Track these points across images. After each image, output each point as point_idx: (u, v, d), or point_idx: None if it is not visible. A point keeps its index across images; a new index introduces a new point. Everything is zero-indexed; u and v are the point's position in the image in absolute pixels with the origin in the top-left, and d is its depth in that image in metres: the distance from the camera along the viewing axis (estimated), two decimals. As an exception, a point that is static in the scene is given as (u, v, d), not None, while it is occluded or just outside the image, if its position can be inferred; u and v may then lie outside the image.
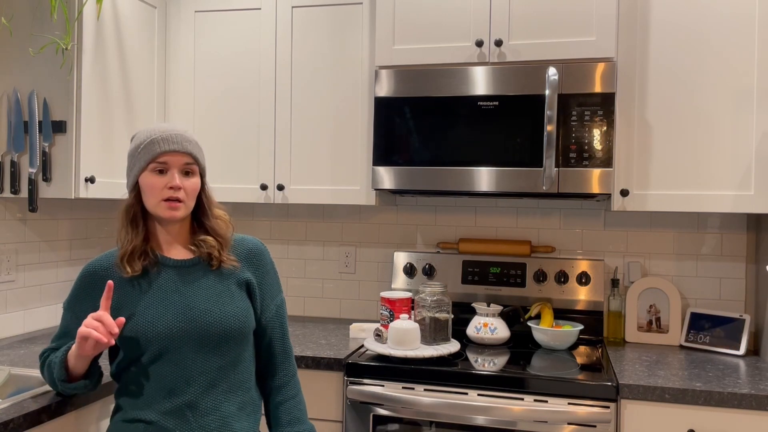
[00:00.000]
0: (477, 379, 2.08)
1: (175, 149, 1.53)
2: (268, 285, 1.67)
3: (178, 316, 1.52)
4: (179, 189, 1.53)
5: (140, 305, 1.53)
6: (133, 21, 2.57)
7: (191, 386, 1.50)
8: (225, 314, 1.54)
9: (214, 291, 1.57)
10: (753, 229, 2.55)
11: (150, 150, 1.53)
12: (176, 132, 1.55)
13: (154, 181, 1.53)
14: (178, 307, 1.53)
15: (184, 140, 1.55)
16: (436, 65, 2.40)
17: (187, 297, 1.54)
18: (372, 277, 2.94)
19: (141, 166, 1.54)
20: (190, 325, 1.51)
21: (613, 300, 2.58)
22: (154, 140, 1.53)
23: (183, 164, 1.55)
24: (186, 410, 1.50)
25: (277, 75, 2.66)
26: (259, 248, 1.68)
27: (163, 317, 1.51)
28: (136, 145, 1.56)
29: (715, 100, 2.25)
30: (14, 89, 2.31)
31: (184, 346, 1.51)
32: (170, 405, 1.50)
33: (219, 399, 1.53)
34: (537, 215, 2.76)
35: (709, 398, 1.92)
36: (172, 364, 1.50)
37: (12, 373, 1.94)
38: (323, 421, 2.25)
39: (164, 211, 1.53)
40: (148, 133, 1.55)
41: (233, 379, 1.56)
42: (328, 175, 2.61)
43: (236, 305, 1.57)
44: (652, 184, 2.30)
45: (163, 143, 1.52)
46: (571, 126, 2.26)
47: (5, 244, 2.42)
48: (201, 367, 1.51)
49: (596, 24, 2.26)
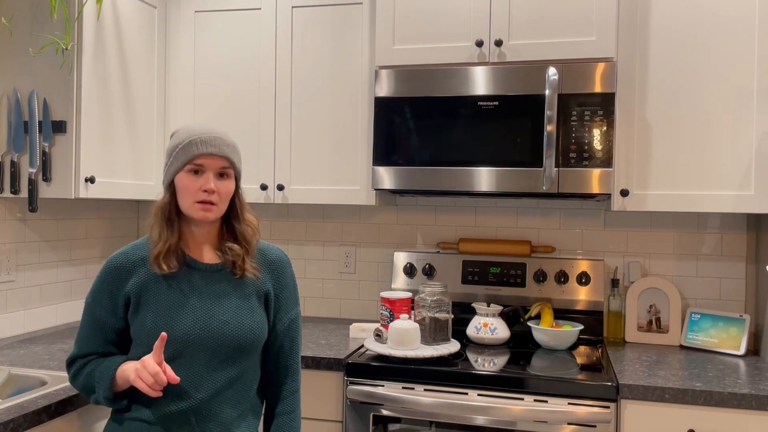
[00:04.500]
0: (477, 379, 2.08)
1: (212, 152, 1.53)
2: (285, 298, 1.67)
3: (197, 323, 1.52)
4: (213, 192, 1.53)
5: (161, 305, 1.52)
6: (133, 21, 2.57)
7: (199, 392, 1.51)
8: (242, 327, 1.55)
9: (235, 301, 1.57)
10: (753, 229, 2.55)
11: (188, 151, 1.52)
12: (215, 134, 1.54)
13: (190, 183, 1.53)
14: (197, 314, 1.53)
15: (222, 144, 1.54)
16: (436, 65, 2.40)
17: (207, 304, 1.54)
18: (372, 277, 2.94)
19: (178, 166, 1.53)
20: (207, 333, 1.52)
21: (613, 300, 2.58)
22: (193, 141, 1.52)
23: (219, 167, 1.55)
24: (190, 415, 1.50)
25: (277, 75, 2.65)
26: (282, 260, 1.69)
27: (181, 322, 1.51)
28: (174, 144, 1.55)
29: (715, 100, 2.25)
30: (14, 89, 2.31)
31: (198, 353, 1.51)
32: (175, 408, 1.50)
33: (223, 405, 1.53)
34: (537, 215, 2.76)
35: (709, 398, 1.92)
36: (183, 369, 1.50)
37: (12, 373, 1.94)
38: (323, 421, 2.25)
39: (197, 212, 1.53)
40: (187, 133, 1.54)
41: (238, 387, 1.56)
42: (328, 175, 2.61)
43: (254, 318, 1.58)
44: (652, 184, 2.30)
45: (201, 145, 1.52)
46: (571, 126, 2.26)
47: (5, 244, 2.42)
48: (211, 375, 1.52)
49: (596, 24, 2.26)
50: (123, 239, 3.07)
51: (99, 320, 1.56)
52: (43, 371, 1.96)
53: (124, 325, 1.57)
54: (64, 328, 2.65)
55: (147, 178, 2.67)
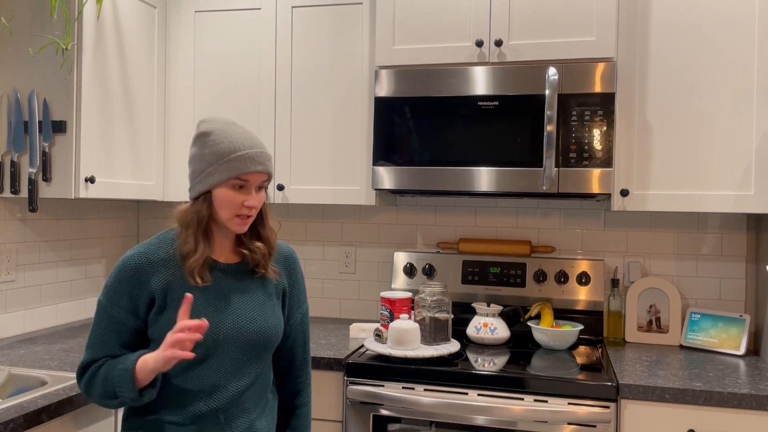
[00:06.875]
0: (477, 379, 2.08)
1: (260, 170, 1.50)
2: (297, 293, 1.70)
3: (225, 322, 1.52)
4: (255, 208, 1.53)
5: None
6: (133, 21, 2.57)
7: (228, 391, 1.51)
8: (268, 324, 1.57)
9: (258, 299, 1.58)
10: (753, 229, 2.55)
11: (234, 167, 1.48)
12: (260, 149, 1.51)
13: (233, 197, 1.49)
14: (224, 313, 1.52)
15: (266, 159, 1.52)
16: (436, 65, 2.40)
17: (233, 303, 1.54)
18: (372, 277, 2.94)
19: (220, 179, 1.48)
20: (236, 332, 1.52)
21: (613, 300, 2.58)
22: (241, 157, 1.48)
23: (260, 182, 1.53)
24: (220, 414, 1.50)
25: (277, 75, 2.66)
26: (294, 256, 1.71)
27: (210, 321, 1.50)
28: (216, 153, 1.48)
29: (715, 100, 2.25)
30: (14, 89, 2.31)
31: (227, 352, 1.51)
32: (206, 408, 1.49)
33: (247, 401, 1.54)
34: (537, 215, 2.76)
35: (709, 398, 1.92)
36: (212, 369, 1.50)
37: (12, 373, 1.95)
38: (323, 421, 2.25)
39: (235, 225, 1.52)
40: (231, 144, 1.48)
41: (260, 383, 1.58)
42: (328, 175, 2.61)
43: (276, 315, 1.60)
44: (652, 184, 2.30)
45: (250, 163, 1.49)
46: (571, 126, 2.26)
47: (5, 244, 2.42)
48: (239, 373, 1.53)
49: (596, 24, 2.26)
50: (123, 239, 3.07)
51: (116, 322, 1.51)
52: (43, 371, 1.96)
53: (142, 326, 1.53)
54: (63, 328, 2.65)
55: (147, 178, 2.67)
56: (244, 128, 1.54)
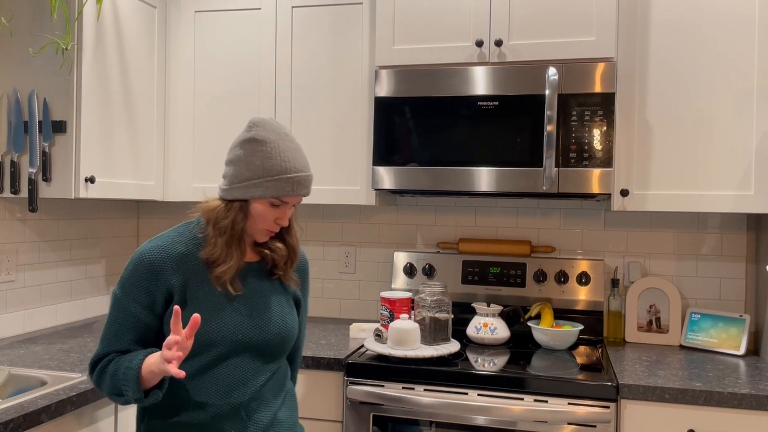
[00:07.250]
0: (477, 379, 2.08)
1: (303, 194, 1.52)
2: (306, 297, 1.74)
3: (244, 322, 1.52)
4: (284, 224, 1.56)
5: (208, 303, 1.50)
6: (133, 21, 2.57)
7: (248, 388, 1.52)
8: (286, 325, 1.58)
9: (276, 301, 1.59)
10: (753, 229, 2.55)
11: (282, 188, 1.48)
12: (308, 174, 1.52)
13: (268, 213, 1.51)
14: (243, 313, 1.53)
15: (311, 183, 1.54)
16: (436, 65, 2.40)
17: (252, 303, 1.55)
18: (372, 277, 2.94)
19: (263, 194, 1.48)
20: (254, 332, 1.53)
21: (613, 300, 2.58)
22: (290, 180, 1.48)
23: (297, 201, 1.56)
24: (241, 411, 1.51)
25: (277, 75, 2.66)
26: (306, 262, 1.75)
27: (229, 322, 1.50)
28: (265, 167, 1.48)
29: (715, 100, 2.25)
30: (14, 89, 2.31)
31: (246, 351, 1.52)
32: (227, 407, 1.49)
33: (267, 395, 1.55)
34: (537, 215, 2.76)
35: (709, 398, 1.92)
36: (231, 367, 1.50)
37: (12, 373, 1.94)
38: (323, 421, 2.25)
39: (262, 237, 1.56)
40: (283, 163, 1.48)
41: (279, 375, 1.60)
42: (328, 175, 2.61)
43: (293, 316, 1.62)
44: (652, 184, 2.30)
45: (297, 187, 1.49)
46: (571, 126, 2.26)
47: (5, 244, 2.42)
48: (258, 371, 1.54)
49: (596, 24, 2.26)
50: (123, 239, 3.07)
51: (132, 316, 1.49)
52: (43, 371, 1.96)
53: (158, 323, 1.52)
54: (63, 328, 2.65)
55: (147, 178, 2.67)
56: (295, 143, 1.54)
